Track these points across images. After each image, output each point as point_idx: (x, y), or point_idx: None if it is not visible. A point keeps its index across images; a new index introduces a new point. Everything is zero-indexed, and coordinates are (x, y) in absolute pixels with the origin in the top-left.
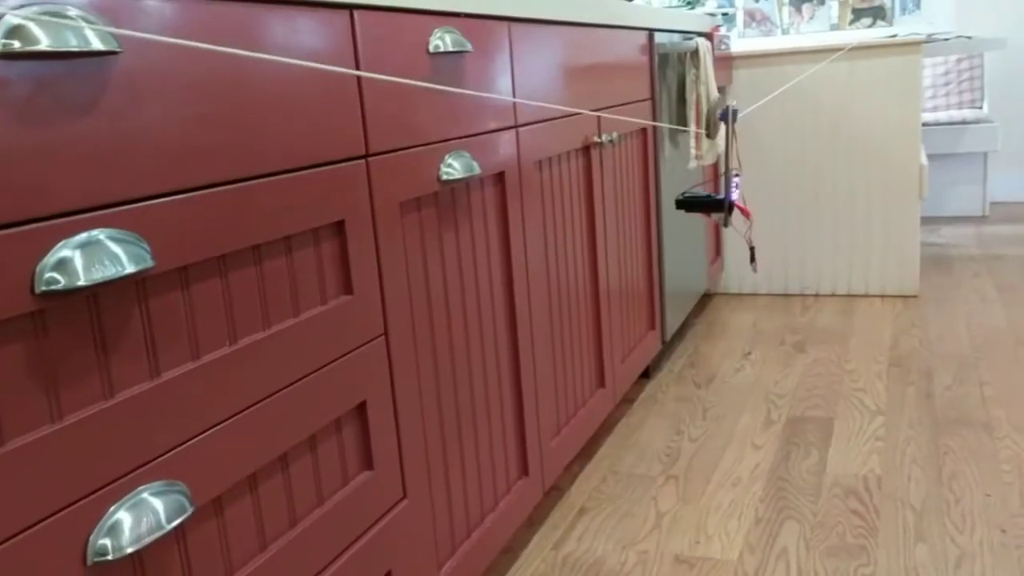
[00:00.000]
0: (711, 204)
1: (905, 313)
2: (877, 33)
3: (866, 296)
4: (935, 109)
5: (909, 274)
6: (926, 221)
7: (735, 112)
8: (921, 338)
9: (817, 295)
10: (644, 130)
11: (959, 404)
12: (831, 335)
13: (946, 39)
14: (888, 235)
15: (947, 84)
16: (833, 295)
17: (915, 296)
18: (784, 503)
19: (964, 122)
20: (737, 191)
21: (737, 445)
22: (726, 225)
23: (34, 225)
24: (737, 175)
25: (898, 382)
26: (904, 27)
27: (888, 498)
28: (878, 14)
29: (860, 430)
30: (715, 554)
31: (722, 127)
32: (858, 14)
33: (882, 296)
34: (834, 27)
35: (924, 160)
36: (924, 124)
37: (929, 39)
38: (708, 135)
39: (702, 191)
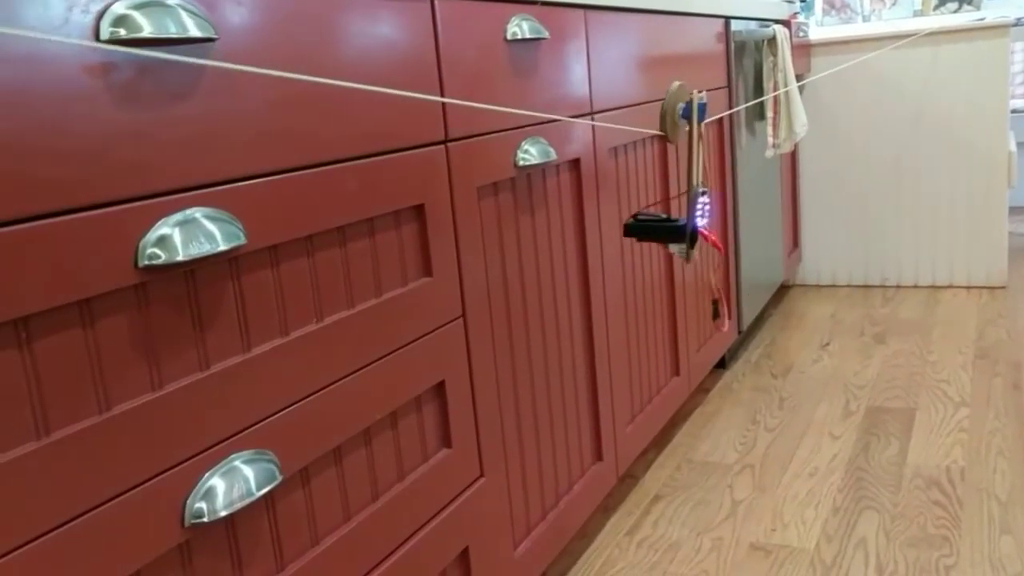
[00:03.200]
0: (668, 231)
1: (991, 304)
2: (964, 18)
3: (950, 287)
4: None
5: (996, 264)
6: (1011, 211)
7: (702, 108)
8: (1009, 329)
9: (898, 286)
10: (721, 118)
11: None
12: (913, 326)
13: None
14: (974, 224)
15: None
16: (915, 286)
17: (1003, 287)
18: (863, 493)
19: None
20: (705, 217)
21: (814, 435)
22: (687, 260)
23: (138, 203)
24: (704, 193)
25: (984, 373)
26: (992, 11)
27: (972, 489)
28: None
29: (943, 421)
30: (791, 542)
31: (684, 127)
32: None
33: (967, 287)
34: (917, 13)
35: (1013, 147)
36: (1013, 111)
37: (1019, 23)
38: (665, 138)
39: (660, 213)
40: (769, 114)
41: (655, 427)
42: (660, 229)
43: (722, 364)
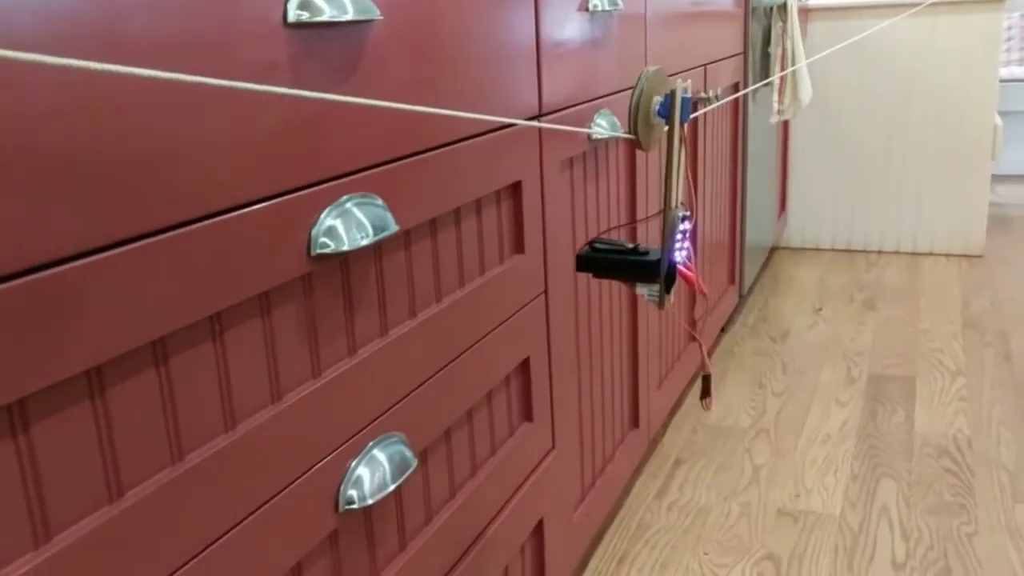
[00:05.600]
0: (635, 267)
1: (972, 273)
2: None
3: (931, 255)
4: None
5: (975, 234)
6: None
7: (686, 104)
8: (992, 299)
9: (880, 252)
10: (736, 85)
11: None
12: (900, 293)
13: None
14: (956, 194)
15: (1009, 40)
16: (897, 252)
17: (980, 256)
18: (878, 460)
19: (1017, 79)
20: (684, 250)
21: (822, 401)
22: (661, 306)
23: (308, 191)
24: (686, 217)
25: (975, 343)
26: None
27: (980, 459)
28: None
29: (943, 390)
30: (816, 508)
31: (662, 127)
32: None
33: (947, 255)
34: None
35: (998, 120)
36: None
37: None
38: (635, 142)
39: (623, 241)
40: (775, 81)
41: (677, 391)
42: (625, 264)
43: (722, 328)
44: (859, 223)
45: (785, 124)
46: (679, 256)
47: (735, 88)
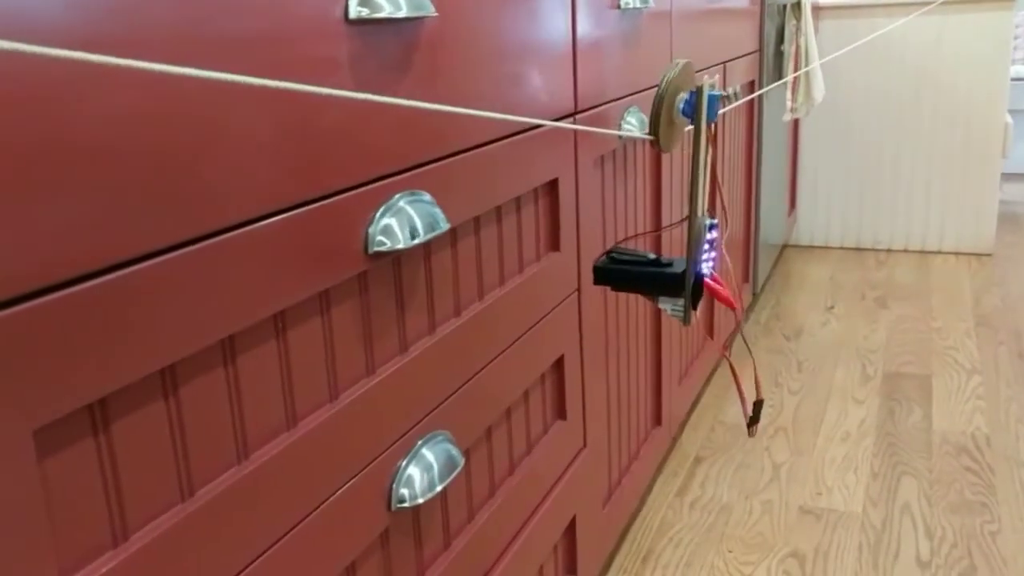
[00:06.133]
0: (658, 280)
1: (982, 272)
2: None
3: (939, 253)
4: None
5: (985, 232)
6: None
7: (714, 101)
8: (1003, 297)
9: (889, 250)
10: (752, 83)
11: None
12: (911, 291)
13: None
14: (965, 193)
15: (1019, 38)
16: (906, 250)
17: (989, 255)
18: (897, 459)
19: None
20: (711, 261)
21: (838, 399)
22: (686, 322)
23: (367, 187)
24: (713, 226)
25: (988, 342)
26: None
27: (1000, 457)
28: None
29: (959, 388)
30: (838, 506)
31: (686, 127)
32: None
33: (956, 253)
34: None
35: (1009, 118)
36: (1012, 79)
37: None
38: (655, 143)
39: (643, 252)
40: (789, 77)
41: (695, 390)
42: (647, 277)
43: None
44: (868, 221)
45: (795, 122)
46: (706, 268)
47: (751, 86)
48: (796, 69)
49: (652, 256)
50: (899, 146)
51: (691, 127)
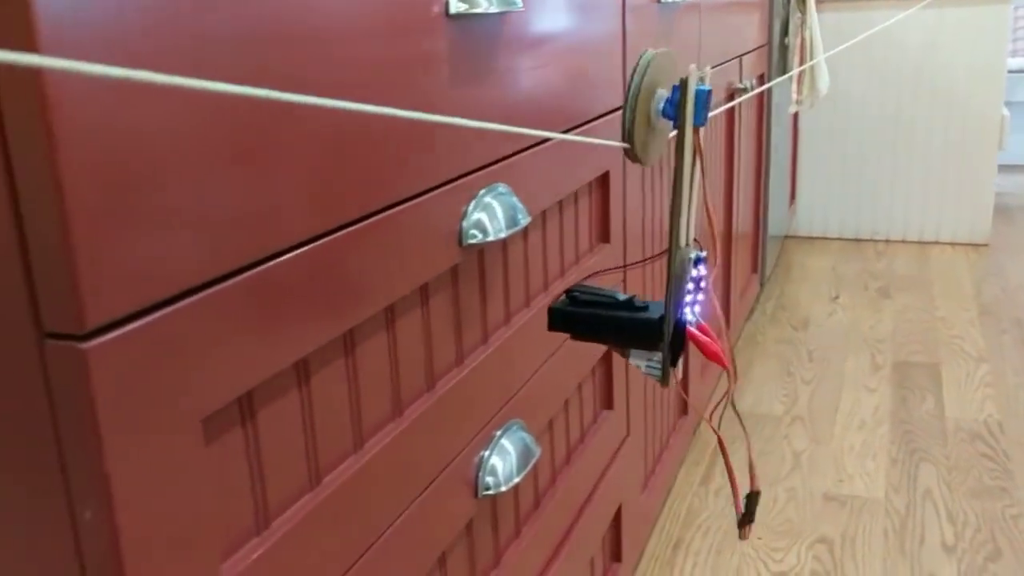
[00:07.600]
0: (628, 328)
1: (980, 262)
2: None
3: (937, 243)
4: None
5: (981, 223)
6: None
7: (703, 98)
8: (1003, 287)
9: (888, 240)
10: (762, 76)
11: None
12: (912, 281)
13: None
14: (962, 184)
15: (1016, 30)
16: (904, 241)
17: (985, 245)
18: (915, 446)
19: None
20: (698, 303)
21: (851, 388)
22: (664, 383)
23: (461, 180)
24: (701, 258)
25: (992, 330)
26: None
27: (1014, 443)
28: None
29: (968, 376)
30: (861, 493)
31: (667, 131)
32: None
33: (953, 244)
34: None
35: (1005, 110)
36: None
37: None
38: (632, 152)
39: (612, 290)
40: (795, 70)
41: (714, 378)
42: (615, 323)
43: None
44: (867, 212)
45: (795, 114)
46: (690, 314)
47: (760, 79)
48: (802, 62)
49: (623, 297)
50: (897, 137)
51: (675, 132)
